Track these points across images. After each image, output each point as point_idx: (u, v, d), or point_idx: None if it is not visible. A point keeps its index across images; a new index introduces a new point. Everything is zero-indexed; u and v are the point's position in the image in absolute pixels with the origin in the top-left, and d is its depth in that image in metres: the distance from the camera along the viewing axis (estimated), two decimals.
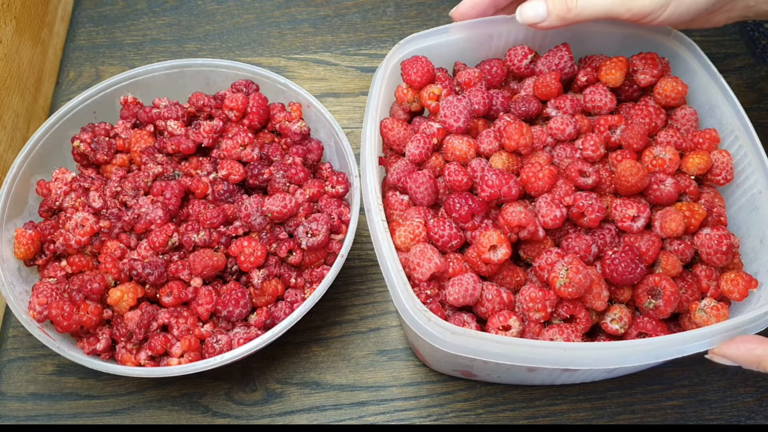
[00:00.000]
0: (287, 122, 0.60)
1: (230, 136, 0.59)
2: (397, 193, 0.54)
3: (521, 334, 0.48)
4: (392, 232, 0.50)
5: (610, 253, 0.49)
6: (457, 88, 0.59)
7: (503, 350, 0.44)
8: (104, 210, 0.56)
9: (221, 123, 0.60)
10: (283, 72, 0.77)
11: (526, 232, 0.49)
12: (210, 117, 0.62)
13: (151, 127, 0.62)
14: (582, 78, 0.59)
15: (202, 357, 0.52)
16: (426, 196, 0.52)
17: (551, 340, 0.47)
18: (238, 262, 0.54)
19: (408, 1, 0.83)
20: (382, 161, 0.57)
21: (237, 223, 0.56)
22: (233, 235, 0.55)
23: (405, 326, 0.52)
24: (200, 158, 0.60)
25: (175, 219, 0.56)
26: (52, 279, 0.55)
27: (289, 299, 0.55)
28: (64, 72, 0.78)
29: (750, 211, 0.52)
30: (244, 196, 0.57)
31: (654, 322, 0.48)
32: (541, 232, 0.50)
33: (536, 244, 0.51)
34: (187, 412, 0.58)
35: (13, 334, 0.62)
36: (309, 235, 0.53)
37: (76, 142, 0.60)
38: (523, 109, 0.57)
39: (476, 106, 0.56)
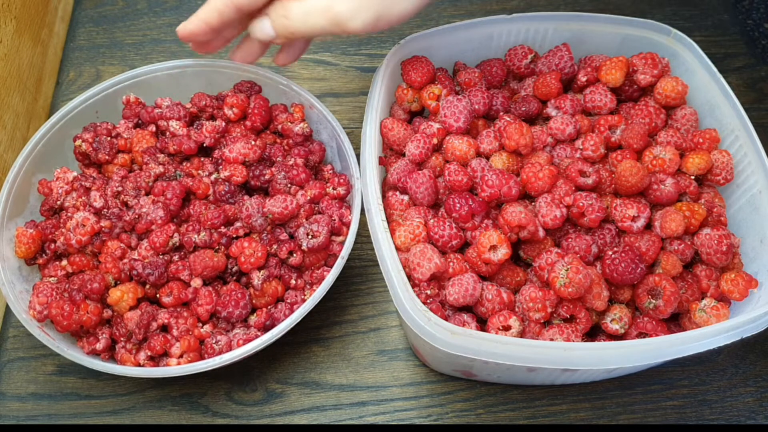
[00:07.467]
0: (289, 123, 0.60)
1: (233, 138, 0.59)
2: (397, 193, 0.54)
3: (521, 334, 0.48)
4: (392, 232, 0.50)
5: (610, 253, 0.49)
6: (457, 88, 0.59)
7: (503, 350, 0.44)
8: (105, 210, 0.56)
9: (223, 123, 0.60)
10: (283, 72, 0.77)
11: (526, 232, 0.49)
12: (212, 117, 0.62)
13: (153, 127, 0.61)
14: (582, 78, 0.59)
15: (202, 357, 0.52)
16: (426, 196, 0.52)
17: (551, 340, 0.47)
18: (238, 262, 0.54)
19: None
20: (382, 161, 0.57)
21: (238, 224, 0.56)
22: (234, 235, 0.55)
23: (405, 326, 0.52)
24: (202, 159, 0.60)
25: (176, 219, 0.56)
26: (52, 278, 0.55)
27: (289, 300, 0.55)
28: (64, 72, 0.78)
29: (750, 211, 0.52)
30: (246, 197, 0.57)
31: (654, 322, 0.48)
32: (541, 232, 0.50)
33: (536, 244, 0.51)
34: (187, 412, 0.58)
35: (13, 334, 0.62)
36: (309, 237, 0.53)
37: (78, 142, 0.60)
38: (523, 109, 0.57)
39: (476, 106, 0.56)
